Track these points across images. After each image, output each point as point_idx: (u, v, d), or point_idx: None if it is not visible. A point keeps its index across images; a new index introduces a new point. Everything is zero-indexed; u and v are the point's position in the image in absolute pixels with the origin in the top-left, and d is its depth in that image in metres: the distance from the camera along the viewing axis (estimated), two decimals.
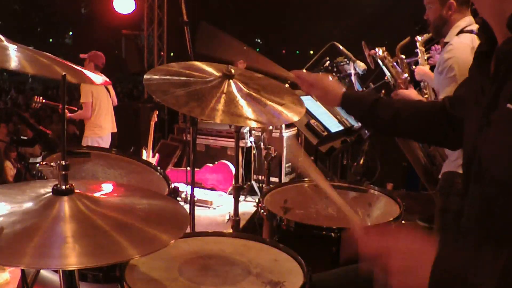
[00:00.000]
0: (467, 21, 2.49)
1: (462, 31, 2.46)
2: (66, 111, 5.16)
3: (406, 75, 3.03)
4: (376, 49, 3.11)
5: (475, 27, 2.50)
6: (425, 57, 3.16)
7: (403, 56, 3.26)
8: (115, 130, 5.88)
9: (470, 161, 1.14)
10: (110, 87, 5.86)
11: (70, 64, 1.38)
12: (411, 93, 2.84)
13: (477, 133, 1.10)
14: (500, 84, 1.03)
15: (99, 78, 1.55)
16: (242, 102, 1.77)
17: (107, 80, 1.69)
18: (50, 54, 1.35)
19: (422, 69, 3.04)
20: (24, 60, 1.23)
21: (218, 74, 1.86)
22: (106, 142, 5.60)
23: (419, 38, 3.12)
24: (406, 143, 2.93)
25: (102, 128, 5.62)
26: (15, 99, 13.97)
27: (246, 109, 1.75)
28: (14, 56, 1.23)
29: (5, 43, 1.27)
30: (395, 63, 3.15)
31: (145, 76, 1.78)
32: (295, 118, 1.84)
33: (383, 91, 3.13)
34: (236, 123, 1.81)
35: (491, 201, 1.05)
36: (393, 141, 2.97)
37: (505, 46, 1.03)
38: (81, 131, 5.87)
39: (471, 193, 1.13)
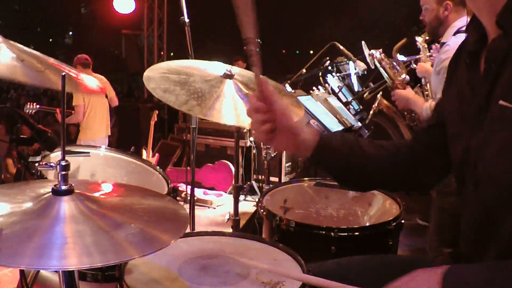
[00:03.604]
0: (464, 21, 2.48)
1: (458, 31, 2.46)
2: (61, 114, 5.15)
3: (403, 76, 3.02)
4: (373, 52, 3.10)
5: None
6: (427, 54, 3.15)
7: (400, 58, 3.26)
8: (109, 133, 5.86)
9: (462, 163, 1.12)
10: (109, 88, 5.85)
11: (66, 69, 1.37)
12: (409, 93, 2.84)
13: (470, 134, 1.08)
14: (492, 83, 1.02)
15: (93, 84, 1.54)
16: (240, 102, 1.77)
17: (101, 85, 1.67)
18: (48, 58, 1.34)
19: (423, 66, 3.04)
20: (19, 69, 1.22)
21: (218, 74, 1.87)
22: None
23: (419, 38, 3.12)
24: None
25: (94, 132, 5.60)
26: (15, 99, 13.98)
27: (245, 110, 1.75)
28: (9, 64, 1.22)
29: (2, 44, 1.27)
30: (394, 63, 3.14)
31: (145, 73, 1.78)
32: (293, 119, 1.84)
33: (380, 93, 3.12)
34: (234, 123, 1.82)
35: (492, 203, 1.03)
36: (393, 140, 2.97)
37: (496, 44, 1.02)
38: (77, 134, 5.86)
39: (468, 196, 1.11)
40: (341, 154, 1.30)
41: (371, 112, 3.04)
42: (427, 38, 3.07)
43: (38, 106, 5.07)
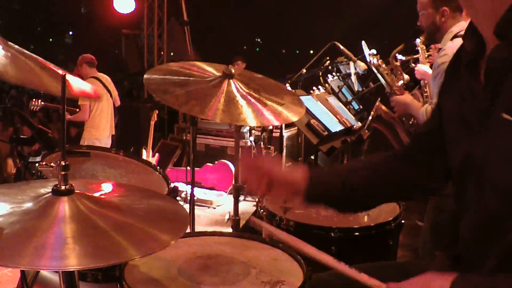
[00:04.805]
0: (461, 26, 2.48)
1: (456, 36, 2.46)
2: (66, 112, 5.15)
3: (401, 82, 3.03)
4: (371, 58, 3.10)
5: None
6: (426, 55, 3.15)
7: (398, 63, 3.26)
8: (113, 133, 5.86)
9: (463, 168, 1.11)
10: (113, 88, 5.85)
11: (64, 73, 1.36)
12: (407, 98, 2.85)
13: (471, 139, 1.08)
14: (493, 92, 1.01)
15: (85, 87, 1.54)
16: (242, 101, 1.77)
17: (95, 88, 1.67)
18: (45, 61, 1.32)
19: (422, 68, 3.04)
20: (15, 71, 1.21)
21: (218, 74, 1.87)
22: (104, 144, 5.58)
23: (418, 40, 3.11)
24: (401, 142, 2.94)
25: (99, 130, 5.61)
26: (15, 99, 13.96)
27: (246, 109, 1.75)
28: (4, 66, 1.22)
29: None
30: (393, 68, 3.14)
31: (145, 76, 1.78)
32: (294, 118, 1.84)
33: (379, 99, 3.12)
34: (235, 122, 1.81)
35: (495, 209, 1.02)
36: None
37: (495, 54, 1.01)
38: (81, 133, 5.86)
39: (470, 201, 1.10)
40: (334, 185, 1.36)
41: (369, 118, 3.04)
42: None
43: (42, 102, 5.03)
